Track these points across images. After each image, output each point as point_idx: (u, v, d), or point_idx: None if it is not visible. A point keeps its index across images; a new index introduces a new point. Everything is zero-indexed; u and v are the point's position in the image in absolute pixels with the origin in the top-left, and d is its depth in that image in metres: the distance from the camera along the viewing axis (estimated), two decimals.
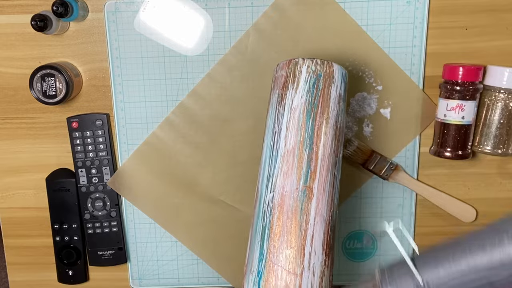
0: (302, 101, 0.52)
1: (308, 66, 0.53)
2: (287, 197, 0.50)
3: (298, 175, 0.51)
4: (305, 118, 0.52)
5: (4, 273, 1.63)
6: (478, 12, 0.68)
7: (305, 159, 0.51)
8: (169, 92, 0.71)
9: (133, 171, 0.73)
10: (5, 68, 0.71)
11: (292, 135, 0.52)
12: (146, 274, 0.78)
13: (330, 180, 0.52)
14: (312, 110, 0.52)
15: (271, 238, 0.49)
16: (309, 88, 0.53)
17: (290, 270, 0.48)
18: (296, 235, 0.49)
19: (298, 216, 0.49)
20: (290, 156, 0.51)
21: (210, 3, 0.68)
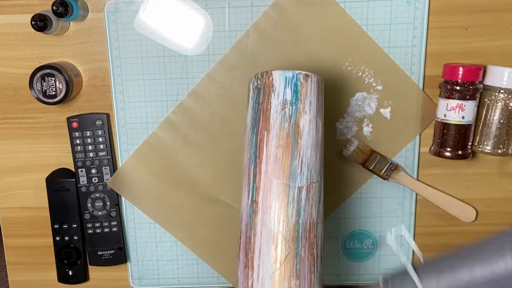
0: (250, 119, 0.55)
1: (253, 83, 0.55)
2: (244, 213, 0.53)
3: (247, 191, 0.53)
4: (251, 135, 0.54)
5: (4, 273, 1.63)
6: (478, 12, 0.68)
7: (251, 174, 0.53)
8: (169, 92, 0.71)
9: (133, 171, 0.73)
10: (5, 68, 0.71)
11: (245, 153, 0.54)
12: (146, 274, 0.78)
13: (277, 190, 0.51)
14: (255, 125, 0.54)
15: (238, 255, 0.53)
16: (253, 104, 0.54)
17: (245, 283, 0.51)
18: (248, 249, 0.51)
19: (248, 231, 0.52)
20: (244, 174, 0.54)
21: (210, 3, 0.68)
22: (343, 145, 0.71)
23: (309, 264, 0.51)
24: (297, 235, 0.51)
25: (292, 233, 0.51)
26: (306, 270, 0.51)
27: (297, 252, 0.51)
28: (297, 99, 0.54)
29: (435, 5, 0.68)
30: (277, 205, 0.51)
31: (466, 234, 0.75)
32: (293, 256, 0.50)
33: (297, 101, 0.54)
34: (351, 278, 0.77)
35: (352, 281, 0.77)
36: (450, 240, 0.75)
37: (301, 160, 0.53)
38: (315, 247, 0.52)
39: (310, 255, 0.51)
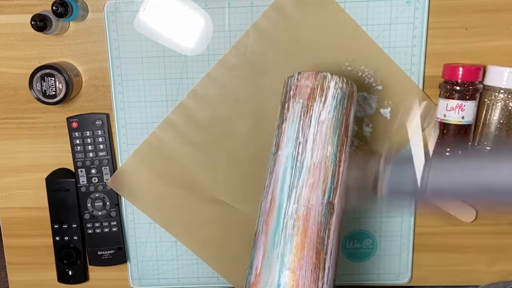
0: (330, 116, 0.52)
1: (336, 83, 0.53)
2: (313, 210, 0.50)
3: (323, 190, 0.50)
4: (331, 134, 0.52)
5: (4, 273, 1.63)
6: (478, 12, 0.68)
7: (330, 174, 0.51)
8: (169, 92, 0.71)
9: (133, 171, 0.73)
10: (5, 68, 0.71)
11: (319, 148, 0.51)
12: (146, 274, 0.78)
13: (344, 196, 0.52)
14: (338, 127, 0.52)
15: (294, 252, 0.49)
16: (336, 104, 0.53)
17: (312, 284, 0.48)
18: (318, 250, 0.49)
19: (322, 231, 0.49)
20: (317, 170, 0.51)
21: (210, 3, 0.68)
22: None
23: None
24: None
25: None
26: None
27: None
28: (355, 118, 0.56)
29: (435, 5, 0.68)
30: (343, 211, 0.51)
31: (466, 234, 0.75)
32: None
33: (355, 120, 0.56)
34: (351, 278, 0.77)
35: (352, 281, 0.77)
36: (450, 240, 0.75)
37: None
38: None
39: None
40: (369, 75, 0.70)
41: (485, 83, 0.66)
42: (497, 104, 0.66)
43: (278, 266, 0.48)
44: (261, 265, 0.49)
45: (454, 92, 0.65)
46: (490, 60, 0.69)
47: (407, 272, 0.76)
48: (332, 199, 0.50)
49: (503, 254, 0.76)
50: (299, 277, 0.47)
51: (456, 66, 0.65)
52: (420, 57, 0.69)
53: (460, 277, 0.77)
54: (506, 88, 0.65)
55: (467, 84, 0.65)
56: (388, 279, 0.77)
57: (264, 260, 0.49)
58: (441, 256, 0.76)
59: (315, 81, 0.53)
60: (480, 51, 0.69)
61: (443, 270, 0.77)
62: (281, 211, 0.50)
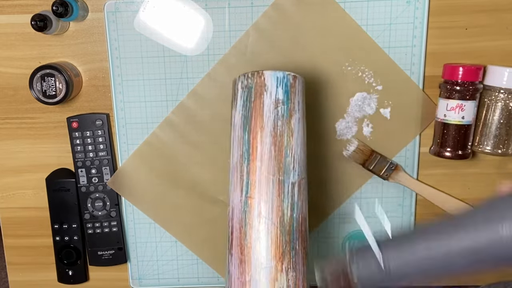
0: (239, 117, 0.55)
1: (242, 82, 0.56)
2: (235, 209, 0.53)
3: (240, 188, 0.53)
4: (242, 133, 0.54)
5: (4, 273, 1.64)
6: (478, 12, 0.68)
7: (244, 171, 0.53)
8: (169, 92, 0.71)
9: (133, 171, 0.73)
10: (5, 68, 0.71)
11: (235, 150, 0.55)
12: (146, 274, 0.78)
13: (272, 186, 0.53)
14: (247, 123, 0.54)
15: (229, 250, 0.53)
16: (243, 102, 0.55)
17: (241, 279, 0.51)
18: (243, 245, 0.52)
19: (243, 226, 0.52)
20: (235, 171, 0.54)
21: (210, 3, 0.69)
22: (343, 145, 0.71)
23: (302, 257, 0.53)
24: (292, 229, 0.52)
25: (288, 228, 0.52)
26: (300, 263, 0.53)
27: (292, 245, 0.52)
28: (288, 98, 0.55)
29: (435, 5, 0.68)
30: (273, 201, 0.52)
31: None
32: (289, 250, 0.52)
33: (288, 101, 0.55)
34: None
35: None
36: None
37: (293, 157, 0.54)
38: (306, 241, 0.54)
39: (303, 248, 0.53)
40: (369, 75, 0.70)
41: (485, 83, 0.66)
42: (497, 104, 0.66)
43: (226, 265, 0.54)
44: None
45: (454, 92, 0.65)
46: (490, 60, 0.69)
47: None
48: (251, 193, 0.53)
49: None
50: (233, 273, 0.52)
51: (456, 66, 0.65)
52: (420, 57, 0.69)
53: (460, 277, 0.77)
54: (506, 88, 0.65)
55: (467, 84, 0.65)
56: None
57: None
58: None
59: (232, 88, 0.57)
60: (480, 51, 0.69)
61: None
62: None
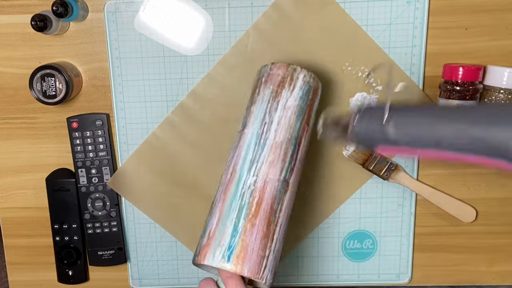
0: (295, 104, 0.57)
1: (304, 76, 0.59)
2: (270, 184, 0.54)
3: (281, 168, 0.55)
4: (295, 120, 0.57)
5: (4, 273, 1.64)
6: (478, 12, 0.68)
7: (289, 154, 0.56)
8: (169, 92, 0.71)
9: (133, 171, 0.73)
10: (5, 68, 0.71)
11: (282, 130, 0.56)
12: (146, 274, 0.78)
13: (299, 179, 0.57)
14: (301, 114, 0.57)
15: (248, 219, 0.53)
16: (303, 95, 0.58)
17: (260, 251, 0.51)
18: (269, 221, 0.53)
19: (275, 204, 0.54)
20: (278, 149, 0.55)
21: (210, 3, 0.69)
22: (343, 146, 0.72)
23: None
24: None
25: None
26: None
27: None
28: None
29: (435, 5, 0.68)
30: (296, 192, 0.56)
31: (466, 234, 0.75)
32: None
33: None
34: (351, 278, 0.77)
35: (352, 281, 0.77)
36: (450, 240, 0.75)
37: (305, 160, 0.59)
38: None
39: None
40: (369, 75, 0.70)
41: (485, 83, 0.66)
42: None
43: (230, 230, 0.52)
44: (215, 228, 0.53)
45: (454, 92, 0.65)
46: (490, 60, 0.69)
47: (407, 272, 0.76)
48: (288, 178, 0.55)
49: (503, 254, 0.76)
50: (249, 242, 0.51)
51: (456, 66, 0.65)
52: (420, 57, 0.69)
53: (460, 277, 0.77)
54: (506, 88, 0.65)
55: (467, 84, 0.65)
56: (388, 279, 0.77)
57: (218, 225, 0.53)
58: (441, 256, 0.76)
59: (286, 71, 0.59)
60: (480, 51, 0.69)
61: (443, 270, 0.77)
62: (240, 182, 0.54)
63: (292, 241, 0.75)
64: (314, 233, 0.75)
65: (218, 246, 0.51)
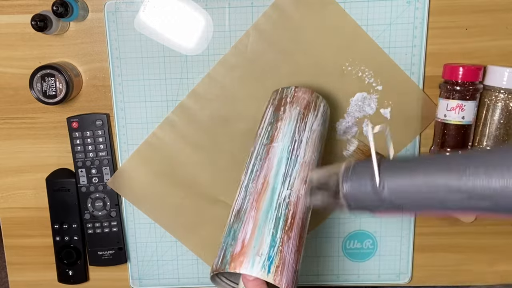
0: (319, 128, 0.60)
1: (324, 105, 0.63)
2: (301, 200, 0.55)
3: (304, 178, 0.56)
4: (318, 142, 0.60)
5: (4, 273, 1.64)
6: (478, 12, 0.68)
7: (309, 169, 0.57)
8: (169, 92, 0.71)
9: (133, 171, 0.73)
10: (5, 68, 0.71)
11: (310, 150, 0.58)
12: (146, 274, 0.78)
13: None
14: (321, 140, 0.61)
15: (285, 231, 0.52)
16: (323, 121, 0.62)
17: (294, 264, 0.52)
18: (301, 236, 0.54)
19: (305, 220, 0.55)
20: (307, 167, 0.57)
21: (210, 3, 0.69)
22: (343, 145, 0.71)
23: None
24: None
25: None
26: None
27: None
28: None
29: (435, 5, 0.68)
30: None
31: (466, 234, 0.75)
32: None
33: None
34: (351, 278, 0.77)
35: (352, 281, 0.77)
36: (450, 240, 0.75)
37: None
38: None
39: None
40: (369, 75, 0.70)
41: (485, 83, 0.66)
42: (497, 104, 0.66)
43: (269, 240, 0.51)
44: (251, 236, 0.51)
45: (454, 92, 0.65)
46: (490, 60, 0.69)
47: (407, 272, 0.76)
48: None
49: (503, 254, 0.76)
50: (286, 254, 0.51)
51: (456, 66, 0.65)
52: (420, 57, 0.69)
53: (460, 277, 0.77)
54: (506, 88, 0.65)
55: (467, 84, 0.65)
56: (388, 279, 0.77)
57: (254, 233, 0.51)
58: (441, 256, 0.76)
59: (311, 96, 0.62)
60: (480, 51, 0.69)
61: (443, 270, 0.77)
62: (275, 193, 0.54)
63: None
64: (314, 233, 0.75)
65: (257, 255, 0.49)
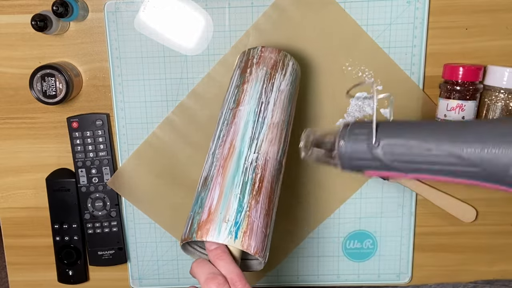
0: (287, 88, 0.59)
1: (293, 63, 0.61)
2: (270, 163, 0.54)
3: (278, 148, 0.55)
4: (287, 103, 0.58)
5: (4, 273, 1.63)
6: (478, 12, 0.68)
7: (283, 135, 0.56)
8: (169, 92, 0.71)
9: (133, 171, 0.73)
10: (5, 68, 0.71)
11: (278, 112, 0.57)
12: (146, 274, 0.78)
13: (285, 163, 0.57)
14: (291, 100, 0.59)
15: (252, 195, 0.51)
16: (292, 81, 0.60)
17: (263, 228, 0.50)
18: (270, 199, 0.52)
19: (274, 183, 0.53)
20: (275, 129, 0.56)
21: (210, 3, 0.69)
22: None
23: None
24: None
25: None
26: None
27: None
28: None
29: (435, 5, 0.68)
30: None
31: (466, 234, 0.75)
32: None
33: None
34: (351, 278, 0.77)
35: (352, 281, 0.77)
36: (450, 240, 0.75)
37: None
38: None
39: None
40: (369, 75, 0.70)
41: (485, 83, 0.66)
42: (497, 104, 0.66)
43: (236, 205, 0.50)
44: (217, 203, 0.50)
45: (454, 92, 0.65)
46: (490, 60, 0.69)
47: (407, 272, 0.76)
48: (282, 159, 0.55)
49: (503, 254, 0.76)
50: (254, 219, 0.50)
51: (456, 66, 0.65)
52: (420, 57, 0.69)
53: (460, 277, 0.77)
54: (506, 88, 0.65)
55: (467, 84, 0.65)
56: (388, 279, 0.77)
57: (220, 199, 0.50)
58: (441, 256, 0.76)
59: (278, 55, 0.60)
60: (480, 51, 0.69)
61: (443, 270, 0.77)
62: (241, 157, 0.53)
63: (292, 241, 0.75)
64: (314, 233, 0.75)
65: (223, 221, 0.48)
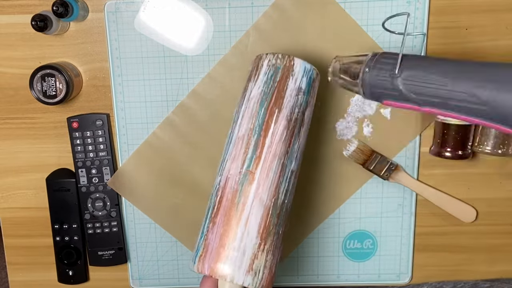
0: (259, 92, 0.55)
1: (269, 60, 0.56)
2: (231, 179, 0.52)
3: (243, 160, 0.53)
4: (258, 107, 0.54)
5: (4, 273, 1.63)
6: (478, 12, 0.68)
7: (252, 144, 0.53)
8: (169, 92, 0.71)
9: (133, 171, 0.73)
10: (5, 68, 0.71)
11: (244, 122, 0.54)
12: (146, 274, 0.78)
13: (276, 167, 0.53)
14: (266, 100, 0.55)
15: (212, 218, 0.52)
16: (267, 79, 0.56)
17: (222, 246, 0.50)
18: (231, 215, 0.51)
19: (236, 197, 0.51)
20: (240, 142, 0.54)
21: (210, 3, 0.69)
22: (343, 145, 0.72)
23: (280, 244, 0.53)
24: (281, 214, 0.53)
25: (278, 211, 0.52)
26: (278, 249, 0.53)
27: (277, 229, 0.52)
28: (308, 90, 0.57)
29: (435, 5, 0.68)
30: (273, 181, 0.52)
31: (466, 234, 0.75)
32: (274, 233, 0.52)
33: (308, 92, 0.57)
34: (351, 278, 0.77)
35: (352, 281, 0.77)
36: (450, 240, 0.76)
37: (299, 146, 0.55)
38: (285, 229, 0.54)
39: (283, 234, 0.54)
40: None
41: None
42: None
43: (200, 232, 0.53)
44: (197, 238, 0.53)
45: None
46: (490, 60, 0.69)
47: (407, 272, 0.76)
48: (253, 168, 0.52)
49: (503, 254, 0.76)
50: (210, 241, 0.51)
51: None
52: None
53: (460, 277, 0.77)
54: None
55: None
56: (388, 279, 0.77)
57: (198, 233, 0.54)
58: (441, 256, 0.76)
59: (254, 63, 0.58)
60: (480, 51, 0.69)
61: (443, 270, 0.77)
62: (214, 185, 0.54)
63: (292, 241, 0.75)
64: (314, 233, 0.75)
65: (194, 248, 0.52)
